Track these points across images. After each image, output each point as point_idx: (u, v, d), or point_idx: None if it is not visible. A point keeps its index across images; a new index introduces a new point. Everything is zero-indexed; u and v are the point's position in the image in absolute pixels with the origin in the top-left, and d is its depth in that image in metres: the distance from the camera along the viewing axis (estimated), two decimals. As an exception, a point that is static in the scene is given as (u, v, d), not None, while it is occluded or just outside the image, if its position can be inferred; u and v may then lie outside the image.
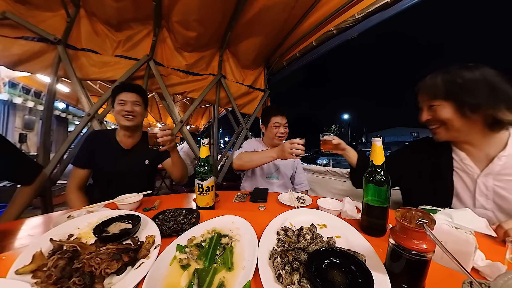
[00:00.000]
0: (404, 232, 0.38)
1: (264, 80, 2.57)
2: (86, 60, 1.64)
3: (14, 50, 1.43)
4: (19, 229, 0.63)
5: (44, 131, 1.57)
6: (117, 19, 1.65)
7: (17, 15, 1.40)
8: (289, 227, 0.59)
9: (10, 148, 0.94)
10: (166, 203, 0.90)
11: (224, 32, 1.94)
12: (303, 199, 0.96)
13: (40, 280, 0.37)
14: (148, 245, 0.51)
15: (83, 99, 1.63)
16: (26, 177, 0.97)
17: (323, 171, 1.89)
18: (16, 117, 4.94)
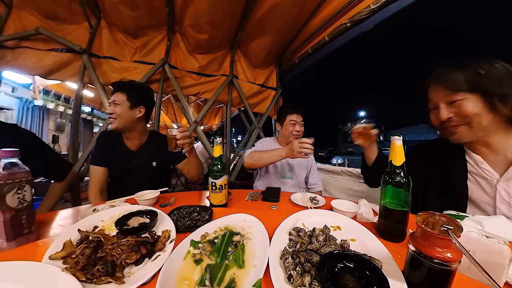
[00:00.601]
0: (426, 238, 0.36)
1: (276, 78, 2.54)
2: (108, 66, 1.77)
3: (46, 61, 1.61)
4: (53, 220, 0.70)
5: (72, 133, 1.74)
6: (134, 27, 1.75)
7: (48, 29, 1.57)
8: (301, 227, 0.59)
9: (46, 149, 1.04)
10: (181, 200, 0.93)
11: (234, 32, 1.96)
12: (316, 199, 0.94)
13: (69, 265, 0.41)
14: (164, 239, 0.53)
15: (106, 102, 1.74)
16: (59, 175, 1.08)
17: (338, 171, 1.82)
18: (50, 120, 5.59)
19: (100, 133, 1.30)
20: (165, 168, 1.30)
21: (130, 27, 1.74)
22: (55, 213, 0.76)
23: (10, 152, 0.51)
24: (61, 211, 0.78)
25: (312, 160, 1.49)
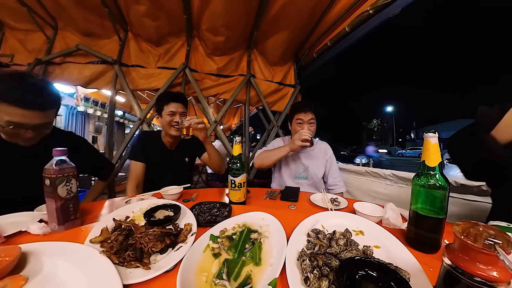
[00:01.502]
0: (466, 252, 0.31)
1: (294, 75, 2.48)
2: (136, 74, 1.96)
3: (85, 72, 1.86)
4: (93, 209, 0.80)
5: (108, 134, 2.00)
6: (157, 36, 1.90)
7: (86, 45, 1.82)
8: (321, 229, 0.56)
9: (97, 153, 1.19)
10: (202, 196, 0.98)
11: (250, 32, 1.97)
12: (337, 201, 0.90)
13: (105, 249, 0.46)
14: (186, 232, 0.56)
15: (135, 106, 1.97)
16: (104, 174, 1.22)
17: (362, 171, 1.69)
18: (90, 123, 6.49)
19: (140, 132, 1.48)
20: (193, 162, 1.43)
21: (153, 36, 1.89)
22: (95, 203, 0.87)
23: (60, 151, 0.60)
24: (99, 202, 0.89)
25: (331, 160, 1.40)
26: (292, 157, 1.39)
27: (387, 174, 1.50)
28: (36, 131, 0.75)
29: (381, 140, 51.57)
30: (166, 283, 0.40)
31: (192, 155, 1.38)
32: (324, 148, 1.42)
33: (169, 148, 1.31)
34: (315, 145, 1.42)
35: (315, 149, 1.40)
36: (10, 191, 0.82)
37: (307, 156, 1.38)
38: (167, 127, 1.22)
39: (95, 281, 0.38)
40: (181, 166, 1.34)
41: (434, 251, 0.52)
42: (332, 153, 1.42)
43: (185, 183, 1.03)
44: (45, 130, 0.80)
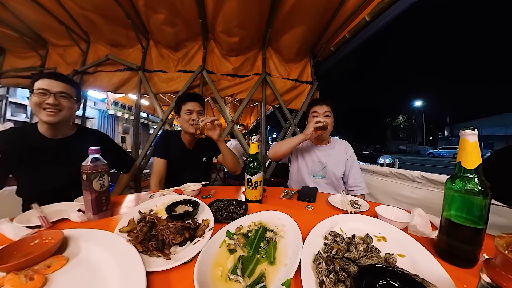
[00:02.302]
0: (511, 269, 0.27)
1: (311, 71, 2.39)
2: (157, 78, 2.10)
3: (114, 79, 2.07)
4: (122, 202, 0.88)
5: (134, 134, 2.18)
6: (175, 42, 2.00)
7: (114, 55, 2.03)
8: (339, 232, 0.54)
9: (118, 148, 1.34)
10: (220, 193, 1.01)
11: (264, 30, 1.95)
12: (358, 203, 0.85)
13: (131, 238, 0.51)
14: (204, 227, 0.58)
15: (158, 108, 2.11)
16: (126, 167, 1.35)
17: (386, 172, 1.56)
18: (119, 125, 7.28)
19: (163, 131, 1.59)
20: (211, 161, 1.48)
21: (172, 42, 2.00)
22: (123, 197, 0.94)
23: (95, 150, 0.67)
24: (127, 195, 0.97)
25: (352, 159, 1.32)
26: (309, 154, 1.35)
27: (415, 176, 1.37)
28: (56, 99, 0.91)
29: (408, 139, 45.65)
30: (184, 273, 0.43)
31: (209, 155, 1.43)
32: (344, 146, 1.36)
33: (188, 147, 1.36)
34: (335, 144, 1.37)
35: (334, 147, 1.35)
36: (50, 182, 0.95)
37: (326, 154, 1.33)
38: (185, 125, 1.28)
39: (123, 266, 0.42)
40: (199, 165, 1.40)
41: (469, 265, 0.46)
42: (353, 152, 1.35)
43: (204, 180, 1.07)
44: (63, 102, 0.94)
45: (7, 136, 0.94)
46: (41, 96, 0.89)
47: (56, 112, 0.91)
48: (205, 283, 0.38)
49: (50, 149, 0.96)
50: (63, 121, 0.97)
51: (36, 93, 0.88)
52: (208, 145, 1.37)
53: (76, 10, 1.70)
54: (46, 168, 0.95)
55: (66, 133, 1.02)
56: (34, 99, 0.89)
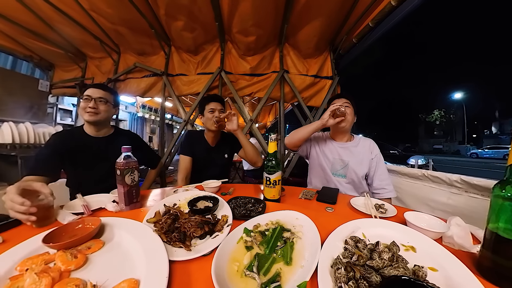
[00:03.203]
0: None
1: (331, 66, 2.27)
2: (180, 82, 2.24)
3: (142, 85, 2.30)
4: (149, 195, 0.95)
5: (160, 134, 2.41)
6: (194, 46, 2.10)
7: (141, 63, 2.24)
8: (361, 238, 0.51)
9: (146, 146, 1.49)
10: (238, 191, 1.03)
11: (280, 27, 1.91)
12: (384, 208, 0.79)
13: (157, 229, 0.55)
14: (223, 223, 0.60)
15: (180, 110, 2.26)
16: (153, 164, 1.48)
17: (418, 175, 1.39)
18: (147, 126, 8.10)
19: (187, 131, 1.73)
20: (232, 158, 1.55)
21: (191, 47, 2.11)
22: (150, 191, 1.03)
23: (127, 148, 0.75)
24: (154, 190, 1.05)
25: (377, 159, 1.22)
26: (330, 151, 1.29)
27: (453, 179, 1.19)
28: (96, 103, 1.09)
29: (446, 136, 38.08)
30: (203, 265, 0.45)
31: (230, 151, 1.51)
32: (369, 145, 1.27)
33: (210, 145, 1.45)
34: (358, 141, 1.29)
35: (358, 145, 1.26)
36: (91, 175, 1.11)
37: (348, 152, 1.25)
38: (208, 123, 1.37)
39: (149, 253, 0.46)
40: (221, 161, 1.47)
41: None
42: (379, 151, 1.25)
43: (224, 178, 1.11)
44: (101, 106, 1.11)
45: (60, 137, 1.12)
46: (86, 101, 1.09)
47: (94, 113, 1.09)
48: (222, 276, 0.40)
49: (92, 147, 1.13)
50: (102, 121, 1.14)
51: (83, 99, 1.10)
52: (230, 142, 1.47)
53: (107, 25, 1.92)
54: (88, 163, 1.12)
55: (105, 133, 1.19)
56: (81, 104, 1.11)
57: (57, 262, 0.42)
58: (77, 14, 1.77)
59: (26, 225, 0.62)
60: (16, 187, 0.59)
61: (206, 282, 0.40)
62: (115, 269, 0.43)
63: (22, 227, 0.62)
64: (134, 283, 0.37)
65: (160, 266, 0.42)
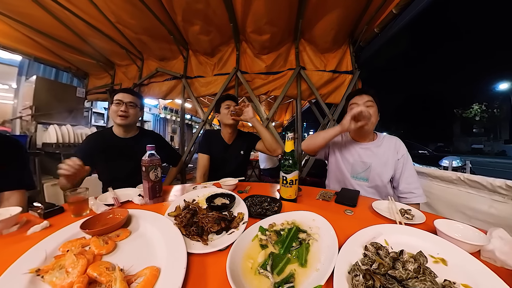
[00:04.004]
0: None
1: (351, 59, 2.13)
2: (198, 83, 2.35)
3: (163, 88, 2.48)
4: (170, 191, 1.01)
5: (181, 134, 2.59)
6: (210, 48, 2.18)
7: (162, 67, 2.42)
8: (383, 245, 0.48)
9: (168, 145, 1.60)
10: (255, 189, 1.04)
11: (295, 22, 1.85)
12: (410, 213, 0.73)
13: (177, 222, 0.58)
14: (238, 220, 0.62)
15: (199, 110, 2.38)
16: (175, 162, 1.58)
17: (452, 178, 1.23)
18: (168, 126, 8.69)
19: (205, 130, 1.81)
20: (248, 155, 1.58)
21: (208, 49, 2.19)
22: (172, 187, 1.09)
23: (151, 147, 0.80)
24: (175, 186, 1.11)
25: (404, 160, 1.10)
26: (350, 152, 1.19)
27: (496, 185, 1.02)
28: (126, 107, 1.21)
29: (487, 135, 30.88)
30: (218, 259, 0.47)
31: (247, 148, 1.53)
32: (395, 144, 1.15)
33: (227, 142, 1.48)
34: (382, 140, 1.17)
35: (381, 145, 1.15)
36: (120, 171, 1.23)
37: (370, 153, 1.14)
38: (224, 118, 1.41)
39: (169, 244, 0.49)
40: (237, 158, 1.49)
41: None
42: (406, 151, 1.13)
43: (240, 176, 1.13)
44: (130, 110, 1.23)
45: (93, 137, 1.27)
46: (117, 105, 1.20)
47: (125, 116, 1.21)
48: (236, 272, 0.41)
49: (120, 146, 1.26)
50: (131, 124, 1.28)
51: (114, 103, 1.21)
52: (246, 139, 1.50)
53: (132, 35, 2.11)
54: (117, 160, 1.24)
55: (132, 134, 1.32)
56: (112, 107, 1.22)
57: (92, 246, 0.48)
58: (105, 27, 1.98)
59: (68, 212, 0.71)
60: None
61: (221, 276, 0.41)
62: (139, 256, 0.47)
63: (64, 214, 0.72)
64: (155, 271, 0.40)
65: (179, 257, 0.44)
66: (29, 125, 2.18)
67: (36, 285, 0.38)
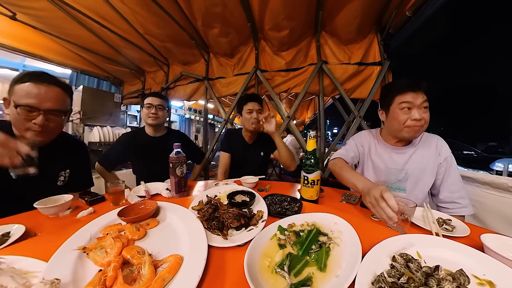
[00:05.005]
0: None
1: (379, 49, 1.92)
2: (219, 84, 2.44)
3: (187, 90, 2.67)
4: (194, 186, 1.08)
5: (204, 133, 2.77)
6: (230, 49, 2.24)
7: (185, 71, 2.61)
8: (415, 257, 0.43)
9: (193, 144, 1.73)
10: (275, 188, 1.04)
11: (314, 14, 1.75)
12: (450, 224, 0.64)
13: (200, 216, 0.62)
14: (258, 218, 0.62)
15: (221, 110, 2.49)
16: (198, 159, 1.70)
17: (507, 185, 1.01)
18: (193, 126, 9.27)
19: (227, 129, 1.89)
20: (268, 156, 1.59)
21: (227, 50, 2.26)
22: (196, 182, 1.15)
23: (178, 145, 0.86)
24: (198, 182, 1.17)
25: (447, 163, 0.92)
26: (381, 158, 1.02)
27: None
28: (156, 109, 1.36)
29: None
30: (236, 254, 0.48)
31: (267, 150, 1.54)
32: (436, 145, 0.95)
33: (248, 142, 1.51)
34: (419, 140, 0.99)
35: (420, 146, 0.97)
36: (150, 167, 1.36)
37: (407, 158, 0.97)
38: (247, 123, 1.42)
39: (192, 235, 0.53)
40: (257, 159, 1.52)
41: None
42: (450, 153, 0.94)
43: (261, 174, 1.14)
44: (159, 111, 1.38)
45: (128, 136, 1.46)
46: (148, 108, 1.36)
47: (156, 117, 1.37)
48: (253, 268, 0.41)
49: (151, 144, 1.42)
50: (160, 124, 1.43)
51: (145, 106, 1.37)
52: (266, 141, 1.48)
53: (158, 43, 2.31)
54: (148, 157, 1.40)
55: (161, 133, 1.47)
56: (144, 110, 1.38)
57: (126, 232, 0.54)
58: (135, 38, 2.21)
59: (108, 201, 0.82)
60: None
61: (238, 271, 0.42)
62: (165, 244, 0.51)
63: (105, 202, 0.83)
64: (179, 259, 0.44)
65: (200, 248, 0.47)
66: (78, 127, 2.59)
67: (82, 260, 0.45)
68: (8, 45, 2.15)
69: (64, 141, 0.96)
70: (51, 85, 0.78)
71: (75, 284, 0.38)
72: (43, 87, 0.75)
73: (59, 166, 0.93)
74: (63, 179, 0.94)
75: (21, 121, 0.73)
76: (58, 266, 0.41)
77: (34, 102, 0.73)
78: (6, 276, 0.37)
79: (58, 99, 0.79)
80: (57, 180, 0.92)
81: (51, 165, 0.89)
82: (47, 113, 0.76)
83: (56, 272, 0.39)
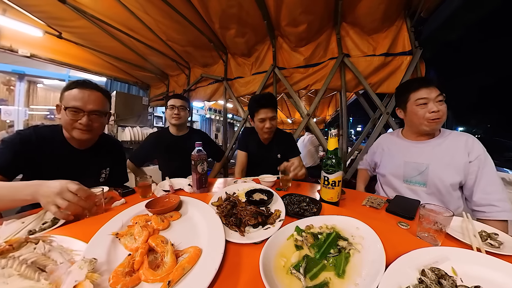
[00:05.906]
0: None
1: (409, 36, 1.69)
2: (237, 84, 2.48)
3: (208, 91, 2.78)
4: (214, 183, 1.12)
5: (223, 132, 2.87)
6: (247, 49, 2.25)
7: (205, 73, 2.73)
8: (449, 274, 0.38)
9: (213, 143, 1.82)
10: (294, 187, 1.02)
11: (333, 5, 1.64)
12: (496, 239, 0.54)
13: (219, 212, 0.64)
14: (275, 217, 0.62)
15: (240, 109, 2.56)
16: (218, 157, 1.77)
17: None
18: (213, 125, 9.69)
19: (244, 128, 1.91)
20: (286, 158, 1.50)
21: (244, 50, 2.27)
22: (216, 179, 1.20)
23: (199, 144, 0.91)
24: (218, 179, 1.22)
25: (480, 162, 0.87)
26: (400, 151, 1.04)
27: None
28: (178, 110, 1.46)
29: None
30: (252, 252, 0.49)
31: (283, 153, 1.45)
32: (465, 143, 0.92)
33: (264, 143, 1.49)
34: (446, 137, 0.96)
35: (444, 142, 0.95)
36: (174, 164, 1.47)
37: (428, 151, 0.96)
38: (259, 132, 1.42)
39: (211, 229, 0.55)
40: (274, 160, 1.47)
41: None
42: (483, 152, 0.89)
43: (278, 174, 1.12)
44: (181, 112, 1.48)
45: (154, 136, 1.57)
46: (171, 109, 1.45)
47: (178, 117, 1.46)
48: (268, 267, 0.41)
49: (175, 143, 1.52)
50: (183, 123, 1.53)
51: (168, 107, 1.47)
52: (283, 143, 1.47)
53: (179, 48, 2.45)
54: (173, 155, 1.50)
55: (184, 132, 1.58)
56: (167, 111, 1.48)
57: (152, 222, 0.58)
58: (159, 45, 2.39)
59: (137, 194, 0.91)
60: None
61: (253, 268, 0.43)
62: (186, 236, 0.55)
63: (135, 195, 0.92)
64: (198, 251, 0.46)
65: (218, 242, 0.49)
66: (113, 128, 2.92)
67: (115, 244, 0.51)
68: (56, 59, 2.55)
69: (104, 141, 1.08)
70: (93, 90, 0.89)
71: (109, 265, 0.43)
72: (86, 91, 0.87)
73: (101, 165, 1.05)
74: (104, 176, 1.06)
75: (69, 121, 0.86)
76: (95, 247, 0.48)
77: (79, 104, 0.85)
78: (56, 252, 0.44)
79: (99, 101, 0.91)
80: (99, 177, 1.04)
81: (94, 164, 1.02)
82: (90, 113, 0.88)
83: (94, 253, 0.44)
